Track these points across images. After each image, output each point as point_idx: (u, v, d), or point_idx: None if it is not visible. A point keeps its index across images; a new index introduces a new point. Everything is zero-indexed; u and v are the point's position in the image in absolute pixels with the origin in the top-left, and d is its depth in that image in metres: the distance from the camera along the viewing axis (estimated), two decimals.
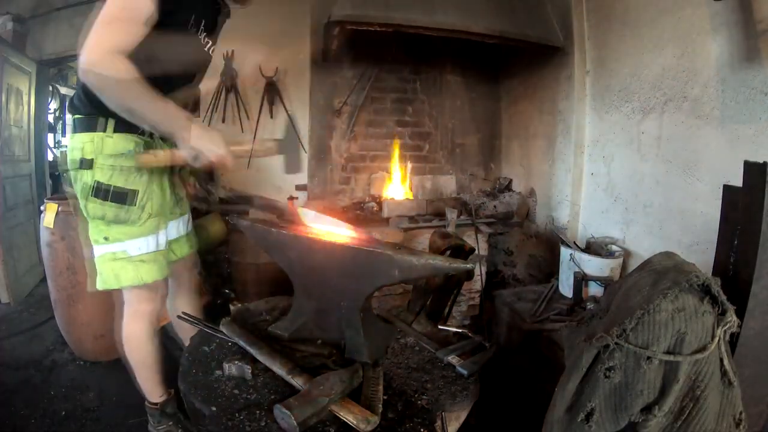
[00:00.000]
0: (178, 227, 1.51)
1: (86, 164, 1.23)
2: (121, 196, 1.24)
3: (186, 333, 1.47)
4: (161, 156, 1.24)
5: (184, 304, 1.62)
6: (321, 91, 3.22)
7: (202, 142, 1.12)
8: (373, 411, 0.89)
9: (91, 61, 1.05)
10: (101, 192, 1.23)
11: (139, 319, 1.42)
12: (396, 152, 3.24)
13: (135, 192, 1.25)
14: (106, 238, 1.28)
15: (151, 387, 1.53)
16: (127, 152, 1.23)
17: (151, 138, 1.34)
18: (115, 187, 1.23)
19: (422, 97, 3.44)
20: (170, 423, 1.57)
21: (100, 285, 1.34)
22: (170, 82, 1.23)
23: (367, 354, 1.08)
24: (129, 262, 1.30)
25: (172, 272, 1.46)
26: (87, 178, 1.24)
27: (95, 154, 1.23)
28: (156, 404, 1.56)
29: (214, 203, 1.58)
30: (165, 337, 2.17)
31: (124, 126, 1.23)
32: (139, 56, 1.08)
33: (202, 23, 1.27)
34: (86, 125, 1.24)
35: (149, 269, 1.33)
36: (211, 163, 1.14)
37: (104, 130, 1.24)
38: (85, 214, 1.28)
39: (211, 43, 1.37)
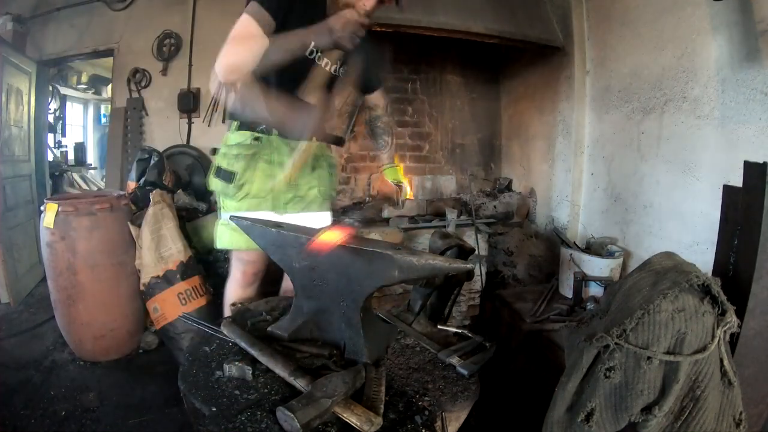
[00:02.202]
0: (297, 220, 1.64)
1: (214, 152, 1.64)
2: (225, 175, 1.54)
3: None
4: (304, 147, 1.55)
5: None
6: None
7: (332, 20, 1.29)
8: (375, 412, 0.89)
9: (218, 79, 1.31)
10: (216, 171, 1.56)
11: (232, 281, 1.69)
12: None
13: (233, 173, 1.54)
14: (221, 207, 1.61)
15: None
16: (236, 144, 1.55)
17: (262, 133, 1.58)
18: (223, 168, 1.54)
19: (422, 97, 3.44)
20: None
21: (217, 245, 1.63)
22: (281, 81, 1.45)
23: (367, 354, 1.08)
24: (227, 228, 1.57)
25: None
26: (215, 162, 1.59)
27: (222, 144, 1.59)
28: None
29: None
30: (165, 337, 2.18)
31: (243, 126, 1.57)
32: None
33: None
34: (227, 126, 1.61)
35: (238, 238, 1.54)
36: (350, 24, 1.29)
37: (229, 129, 1.59)
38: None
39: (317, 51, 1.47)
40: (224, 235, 1.59)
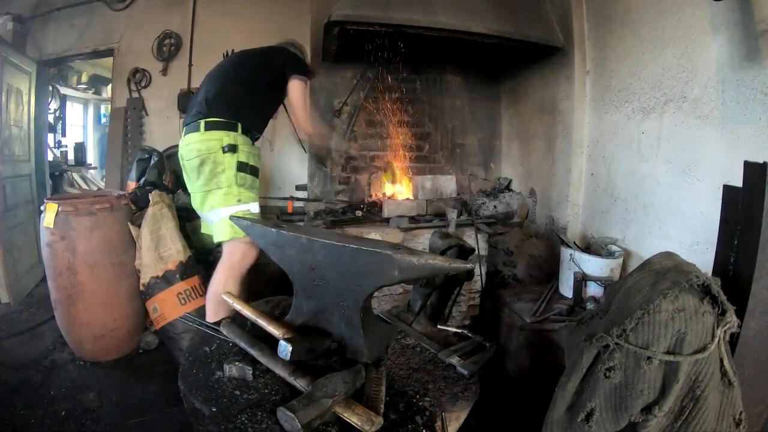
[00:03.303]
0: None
1: (231, 149, 1.81)
2: (253, 171, 1.88)
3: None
4: None
5: None
6: (321, 91, 3.22)
7: None
8: (375, 411, 0.89)
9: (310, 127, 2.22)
10: (243, 167, 1.83)
11: (238, 267, 1.86)
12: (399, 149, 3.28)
13: (258, 169, 1.93)
14: (239, 200, 1.83)
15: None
16: (247, 144, 1.89)
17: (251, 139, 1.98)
18: (250, 164, 1.86)
19: (422, 97, 3.44)
20: None
21: (230, 235, 1.81)
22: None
23: (367, 354, 1.08)
24: (253, 216, 1.80)
25: None
26: (231, 159, 1.81)
27: (236, 143, 1.82)
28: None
29: None
30: (165, 337, 2.18)
31: (245, 131, 1.89)
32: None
33: None
34: (223, 126, 1.83)
35: None
36: None
37: (236, 131, 1.85)
38: (228, 184, 1.81)
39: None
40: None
